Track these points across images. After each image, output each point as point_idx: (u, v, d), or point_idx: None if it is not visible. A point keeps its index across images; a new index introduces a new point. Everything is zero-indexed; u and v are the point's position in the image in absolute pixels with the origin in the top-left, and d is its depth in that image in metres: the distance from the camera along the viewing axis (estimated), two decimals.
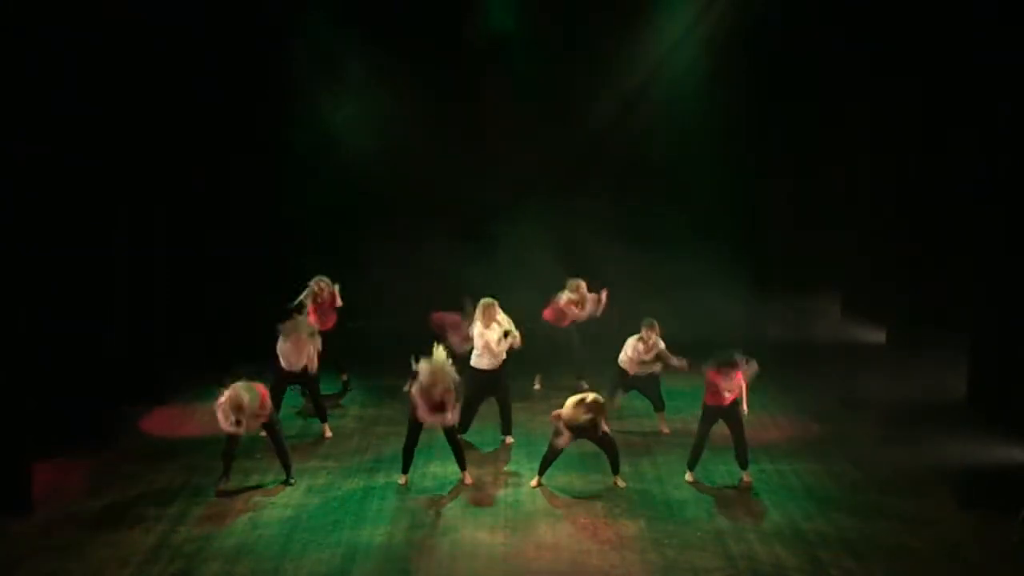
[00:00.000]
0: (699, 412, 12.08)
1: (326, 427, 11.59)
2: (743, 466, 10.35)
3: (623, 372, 11.47)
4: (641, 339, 11.27)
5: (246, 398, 9.61)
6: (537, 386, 12.97)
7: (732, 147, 14.70)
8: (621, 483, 10.24)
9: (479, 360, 10.92)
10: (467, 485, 10.17)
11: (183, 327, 13.00)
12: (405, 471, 10.25)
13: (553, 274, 13.18)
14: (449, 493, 10.11)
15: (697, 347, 12.28)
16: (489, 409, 11.36)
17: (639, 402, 11.72)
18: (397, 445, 11.19)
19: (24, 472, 9.65)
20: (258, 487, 10.23)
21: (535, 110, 14.89)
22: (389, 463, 10.77)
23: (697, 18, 14.55)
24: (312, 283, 12.34)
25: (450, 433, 10.11)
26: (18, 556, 8.73)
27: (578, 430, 9.82)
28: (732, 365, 9.99)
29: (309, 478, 10.44)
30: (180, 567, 8.58)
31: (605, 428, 9.89)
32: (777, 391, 13.26)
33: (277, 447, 10.21)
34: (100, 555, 8.75)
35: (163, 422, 11.96)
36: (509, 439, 11.38)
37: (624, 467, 10.74)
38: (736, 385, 10.09)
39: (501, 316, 11.00)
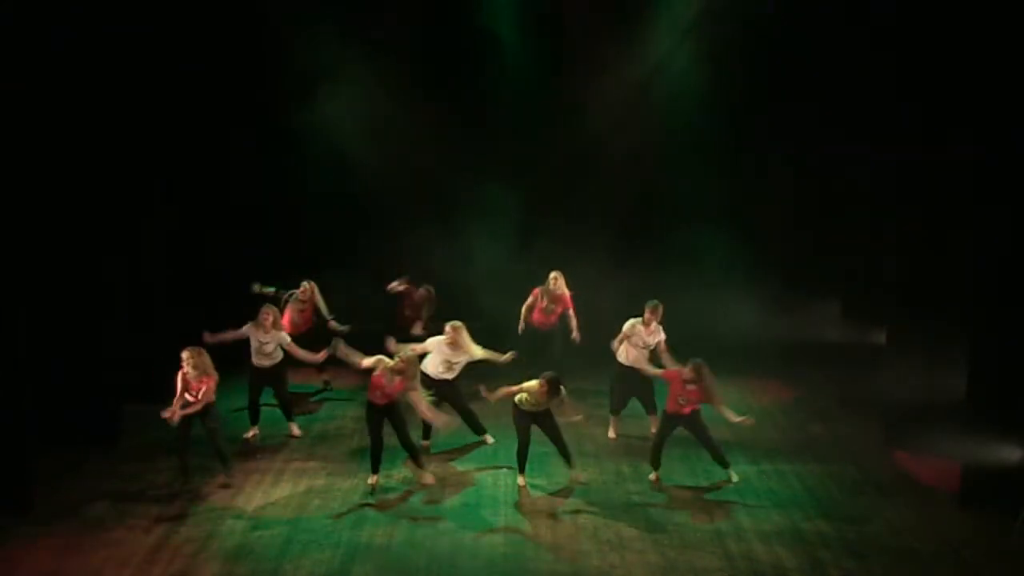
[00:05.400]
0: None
1: (293, 425, 11.64)
2: (724, 466, 10.40)
3: (622, 371, 11.44)
4: (643, 321, 11.20)
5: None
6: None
7: (731, 146, 14.68)
8: (581, 477, 10.32)
9: (436, 371, 10.97)
10: (429, 484, 10.26)
11: (183, 327, 12.97)
12: (375, 471, 10.28)
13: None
14: (449, 493, 10.11)
15: (696, 348, 12.28)
16: (490, 412, 11.35)
17: (637, 404, 11.69)
18: (396, 445, 11.22)
19: (24, 472, 9.66)
20: (258, 487, 10.23)
21: (533, 109, 14.88)
22: (389, 463, 10.76)
23: (695, 18, 14.53)
24: (306, 284, 12.43)
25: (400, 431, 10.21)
26: (18, 556, 8.73)
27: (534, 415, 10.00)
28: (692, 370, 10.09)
29: (309, 478, 10.45)
30: (180, 567, 8.59)
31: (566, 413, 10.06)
32: (778, 391, 13.28)
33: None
34: (100, 555, 8.77)
35: (163, 422, 11.92)
36: (489, 439, 11.42)
37: (624, 467, 10.77)
38: (693, 397, 10.10)
39: (466, 341, 10.91)
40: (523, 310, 12.60)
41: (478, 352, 10.87)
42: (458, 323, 10.93)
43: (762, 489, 10.27)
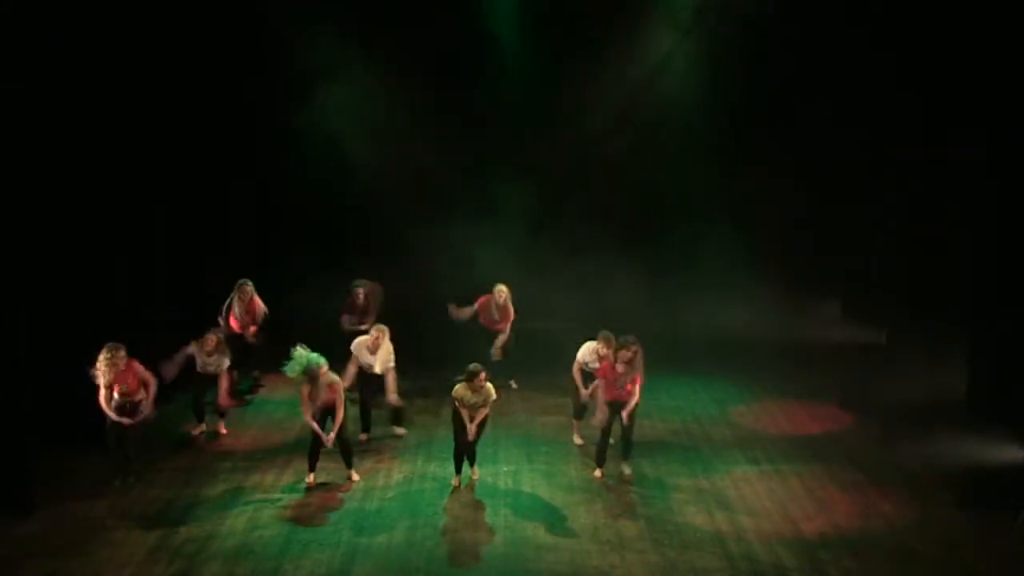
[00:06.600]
0: (696, 412, 12.16)
1: (221, 424, 11.68)
2: (624, 458, 10.44)
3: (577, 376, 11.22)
4: (596, 351, 10.92)
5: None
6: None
7: (731, 146, 14.69)
8: (476, 475, 10.39)
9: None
10: (354, 482, 10.28)
11: (183, 327, 12.98)
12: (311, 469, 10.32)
13: (547, 275, 13.22)
14: (449, 494, 10.12)
15: (696, 347, 12.38)
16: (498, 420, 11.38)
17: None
18: (396, 447, 11.26)
19: (25, 472, 9.66)
20: (258, 487, 10.24)
21: (533, 109, 14.89)
22: (388, 464, 10.79)
23: (695, 18, 14.53)
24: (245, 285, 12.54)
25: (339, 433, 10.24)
26: (19, 556, 8.73)
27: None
28: (624, 347, 10.01)
29: None
30: (180, 567, 8.59)
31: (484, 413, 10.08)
32: (776, 391, 13.28)
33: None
34: (100, 555, 8.76)
35: (164, 421, 11.93)
36: (400, 430, 11.56)
37: (624, 467, 10.75)
38: (626, 371, 10.04)
39: (385, 346, 11.08)
40: (473, 310, 12.81)
41: (389, 359, 11.04)
42: (383, 326, 11.15)
43: (762, 489, 10.26)
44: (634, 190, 15.22)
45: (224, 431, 11.63)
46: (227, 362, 11.41)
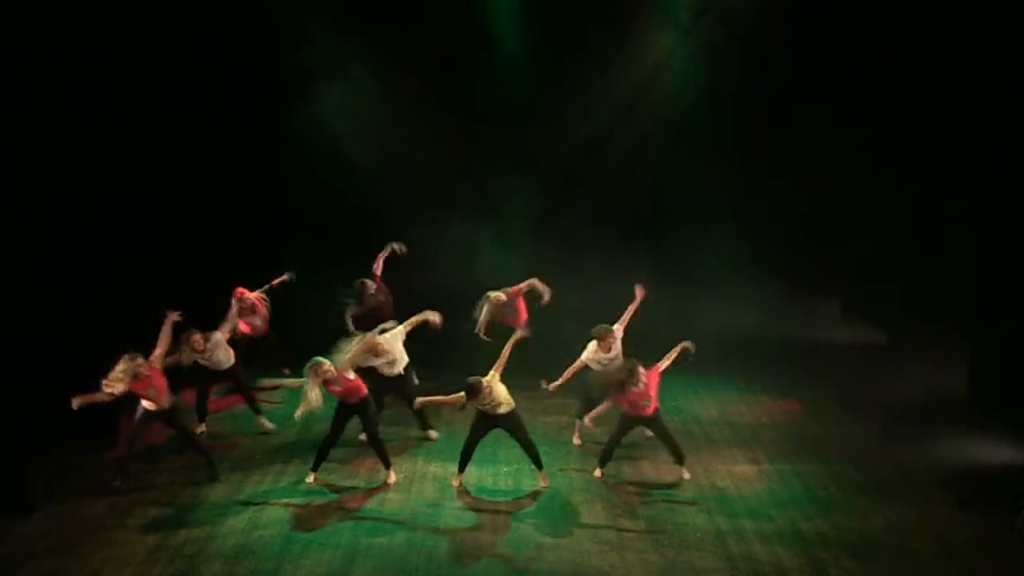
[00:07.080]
0: (697, 412, 12.13)
1: (262, 419, 11.79)
2: (680, 462, 10.41)
3: (593, 376, 11.17)
4: (599, 346, 10.97)
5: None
6: (545, 385, 12.93)
7: (731, 146, 14.69)
8: (544, 482, 10.33)
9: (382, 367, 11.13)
10: (391, 484, 10.27)
11: (183, 328, 12.98)
12: (315, 468, 10.37)
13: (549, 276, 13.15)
14: (449, 494, 10.12)
15: (697, 348, 12.20)
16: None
17: None
18: (397, 446, 11.24)
19: (24, 472, 9.66)
20: (258, 487, 10.24)
21: (533, 109, 14.88)
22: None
23: (695, 17, 14.53)
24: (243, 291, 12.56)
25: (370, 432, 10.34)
26: (19, 556, 8.74)
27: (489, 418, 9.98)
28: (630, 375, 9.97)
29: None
30: (180, 567, 8.59)
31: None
32: (777, 391, 13.28)
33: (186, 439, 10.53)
34: (100, 555, 8.77)
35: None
36: (433, 433, 11.55)
37: (624, 467, 10.76)
38: (645, 390, 10.00)
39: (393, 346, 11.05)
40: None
41: (398, 334, 11.03)
42: (369, 335, 10.89)
43: (762, 489, 10.27)
44: (634, 190, 15.21)
45: (269, 427, 11.74)
46: (222, 338, 11.41)
